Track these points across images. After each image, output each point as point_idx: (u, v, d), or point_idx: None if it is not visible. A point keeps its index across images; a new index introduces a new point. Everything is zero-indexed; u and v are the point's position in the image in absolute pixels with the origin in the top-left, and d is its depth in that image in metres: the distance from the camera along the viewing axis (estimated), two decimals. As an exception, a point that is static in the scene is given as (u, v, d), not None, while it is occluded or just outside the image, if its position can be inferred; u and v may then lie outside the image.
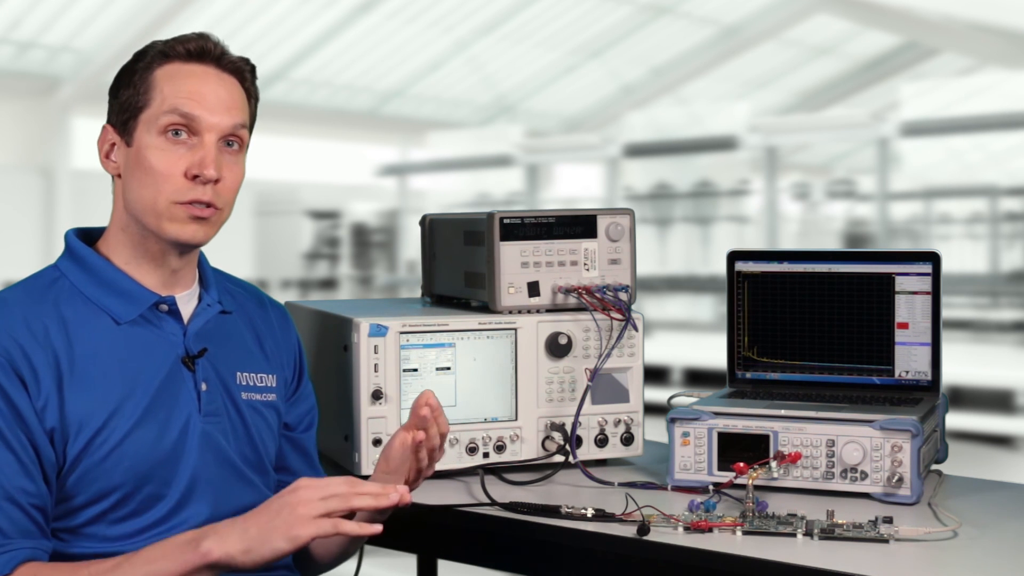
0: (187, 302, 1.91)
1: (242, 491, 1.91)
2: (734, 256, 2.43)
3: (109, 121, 1.88)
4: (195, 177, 1.81)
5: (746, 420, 2.15)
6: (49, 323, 1.79)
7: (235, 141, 1.86)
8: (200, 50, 1.86)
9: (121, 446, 1.79)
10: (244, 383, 1.94)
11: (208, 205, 1.82)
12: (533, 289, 2.30)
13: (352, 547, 2.06)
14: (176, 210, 1.82)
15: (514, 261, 2.30)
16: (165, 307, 1.87)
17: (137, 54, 1.88)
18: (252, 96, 1.92)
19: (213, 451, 1.86)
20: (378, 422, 2.20)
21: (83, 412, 1.77)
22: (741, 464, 2.04)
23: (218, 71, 1.87)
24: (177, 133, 1.82)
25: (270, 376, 1.98)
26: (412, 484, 1.92)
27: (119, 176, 1.87)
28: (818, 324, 2.37)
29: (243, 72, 1.90)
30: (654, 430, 2.41)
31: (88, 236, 1.93)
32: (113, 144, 1.87)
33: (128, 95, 1.85)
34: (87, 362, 1.79)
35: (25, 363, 1.75)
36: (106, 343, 1.81)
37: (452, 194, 16.51)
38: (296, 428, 2.08)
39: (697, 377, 10.84)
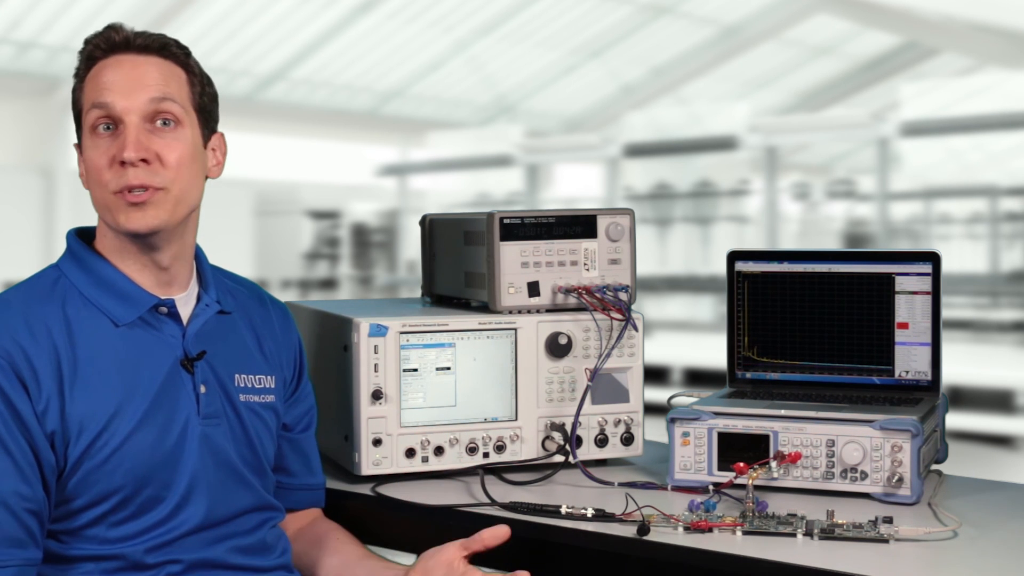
0: (186, 303, 1.91)
1: (240, 493, 1.91)
2: (734, 256, 2.43)
3: (76, 142, 1.90)
4: (123, 164, 1.80)
5: (746, 420, 2.14)
6: (52, 324, 1.79)
7: (168, 119, 1.83)
8: (108, 43, 1.86)
9: (122, 449, 1.78)
10: (242, 385, 1.93)
11: (143, 188, 1.80)
12: (533, 289, 2.30)
13: None
14: (117, 200, 1.81)
15: (514, 261, 2.30)
16: (164, 309, 1.87)
17: (75, 68, 1.89)
18: (192, 71, 1.89)
19: (212, 453, 1.86)
20: (378, 422, 2.20)
21: (84, 414, 1.77)
22: (741, 464, 2.04)
23: (132, 56, 1.85)
24: (107, 127, 1.82)
25: (269, 377, 1.98)
26: None
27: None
28: (818, 324, 2.37)
29: (163, 48, 1.87)
30: (654, 430, 2.41)
31: (89, 236, 1.93)
32: (80, 160, 1.89)
33: (75, 110, 1.89)
34: (88, 364, 1.79)
35: (26, 365, 1.75)
36: (106, 345, 1.81)
37: (452, 194, 16.51)
38: (294, 428, 2.08)
39: (697, 377, 10.84)
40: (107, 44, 1.86)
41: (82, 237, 1.92)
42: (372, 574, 1.96)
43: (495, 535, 1.87)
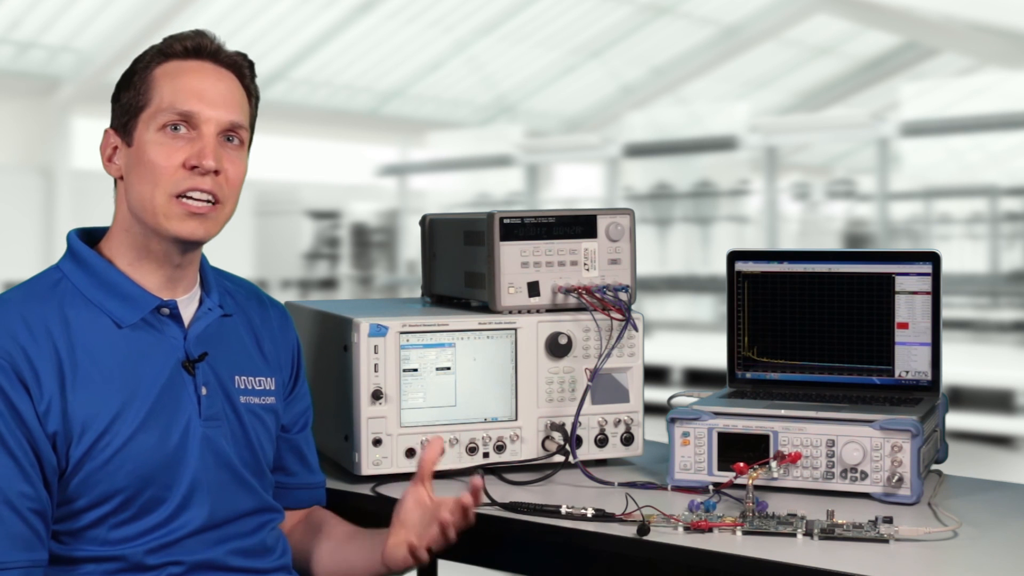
0: (188, 305, 1.91)
1: (240, 495, 1.91)
2: (734, 256, 2.43)
3: (111, 125, 1.89)
4: (194, 168, 1.81)
5: (746, 420, 2.15)
6: (52, 325, 1.79)
7: (235, 136, 1.87)
8: (197, 47, 1.87)
9: (124, 450, 1.78)
10: (242, 387, 1.94)
11: (209, 198, 1.82)
12: (533, 289, 2.30)
13: None
14: (174, 206, 1.81)
15: (514, 261, 2.30)
16: (167, 311, 1.87)
17: (137, 57, 1.90)
18: (252, 94, 1.93)
19: (213, 455, 1.86)
20: (378, 422, 2.20)
21: (86, 415, 1.77)
22: (741, 464, 2.04)
23: (216, 67, 1.88)
24: (176, 128, 1.83)
25: (268, 379, 1.98)
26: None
27: (121, 178, 1.88)
28: (818, 324, 2.37)
29: (241, 68, 1.91)
30: (654, 430, 2.41)
31: (90, 236, 1.93)
32: (115, 147, 1.88)
33: (129, 97, 1.87)
34: (89, 364, 1.79)
35: (27, 366, 1.75)
36: (108, 346, 1.81)
37: (452, 194, 16.51)
38: (292, 428, 2.08)
39: (697, 377, 10.84)
40: (194, 47, 1.87)
41: (83, 238, 1.91)
42: (360, 548, 1.99)
43: (432, 451, 1.89)
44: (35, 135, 15.47)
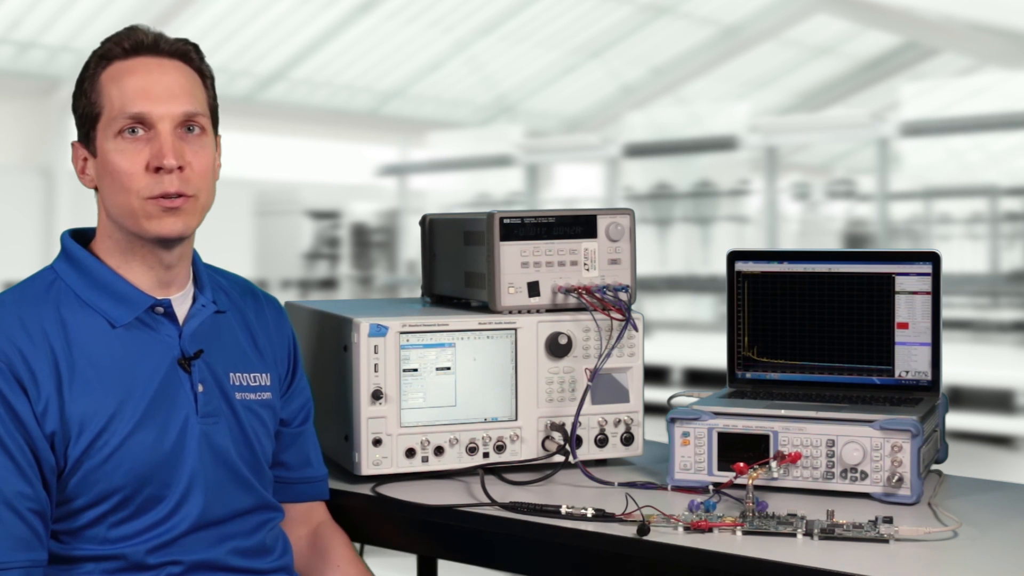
0: (182, 303, 1.91)
1: (238, 492, 1.91)
2: (734, 256, 2.43)
3: (77, 138, 1.89)
4: (158, 169, 1.80)
5: (746, 420, 2.14)
6: (48, 326, 1.79)
7: (194, 126, 1.84)
8: (135, 44, 1.85)
9: (121, 449, 1.79)
10: (238, 383, 1.94)
11: (178, 195, 1.81)
12: (533, 289, 2.30)
13: None
14: (149, 206, 1.81)
15: (514, 261, 2.30)
16: (161, 309, 1.87)
17: (84, 65, 1.88)
18: (205, 75, 1.90)
19: (211, 452, 1.87)
20: (378, 422, 2.20)
21: (83, 414, 1.77)
22: (741, 464, 2.04)
23: (158, 59, 1.85)
24: (133, 131, 1.81)
25: (264, 375, 1.98)
26: None
27: (96, 188, 1.88)
28: (818, 324, 2.37)
29: (186, 53, 1.87)
30: (654, 430, 2.41)
31: (83, 237, 1.93)
32: (85, 159, 1.88)
33: (83, 106, 1.86)
34: (86, 364, 1.79)
35: (24, 367, 1.75)
36: (103, 346, 1.81)
37: (452, 194, 16.51)
38: (292, 423, 2.08)
39: (697, 377, 10.84)
40: (132, 45, 1.84)
41: (76, 238, 1.91)
42: None
43: None
44: (35, 135, 15.47)
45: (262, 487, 1.96)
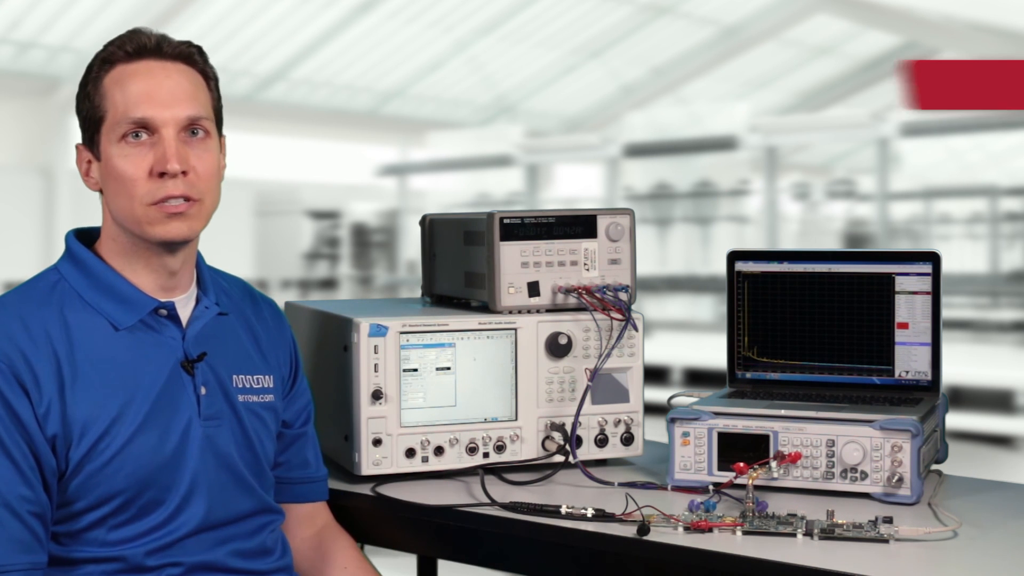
0: (185, 305, 1.91)
1: (240, 495, 1.91)
2: (734, 256, 2.43)
3: (81, 140, 1.89)
4: (161, 175, 1.79)
5: (746, 420, 2.14)
6: (50, 327, 1.79)
7: (198, 129, 1.83)
8: (138, 47, 1.83)
9: (124, 451, 1.78)
10: (240, 386, 1.93)
11: (185, 199, 1.81)
12: (533, 289, 2.30)
13: None
14: (152, 212, 1.80)
15: (514, 261, 2.30)
16: (164, 312, 1.87)
17: (86, 67, 1.87)
18: (209, 77, 1.89)
19: (214, 455, 1.86)
20: (378, 422, 2.20)
21: (86, 417, 1.77)
22: (741, 464, 2.04)
23: (161, 63, 1.84)
24: (137, 135, 1.81)
25: (267, 377, 1.98)
26: None
27: (101, 191, 1.87)
28: (818, 324, 2.37)
29: (189, 56, 1.86)
30: (654, 430, 2.41)
31: (88, 237, 1.92)
32: (89, 162, 1.87)
33: (87, 110, 1.85)
34: (88, 366, 1.79)
35: (26, 369, 1.75)
36: (106, 348, 1.81)
37: (452, 194, 16.51)
38: (294, 425, 2.08)
39: (697, 377, 10.84)
40: (136, 48, 1.83)
41: (81, 238, 1.91)
42: None
43: None
44: (35, 135, 15.47)
45: (263, 490, 1.95)
